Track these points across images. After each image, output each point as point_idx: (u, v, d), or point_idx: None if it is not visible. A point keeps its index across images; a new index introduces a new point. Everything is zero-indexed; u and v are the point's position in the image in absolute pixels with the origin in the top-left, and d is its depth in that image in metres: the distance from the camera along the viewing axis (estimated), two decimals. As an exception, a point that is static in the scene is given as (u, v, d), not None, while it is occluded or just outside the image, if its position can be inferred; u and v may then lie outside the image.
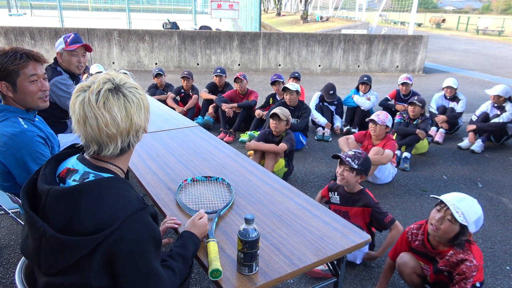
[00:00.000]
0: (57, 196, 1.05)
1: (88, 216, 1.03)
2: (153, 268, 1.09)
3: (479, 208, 1.95)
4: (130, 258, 1.04)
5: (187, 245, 1.41)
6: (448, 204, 1.91)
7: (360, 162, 2.51)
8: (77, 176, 1.12)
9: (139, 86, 1.20)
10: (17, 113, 1.86)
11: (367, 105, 5.28)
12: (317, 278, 2.44)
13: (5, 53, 1.79)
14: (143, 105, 1.18)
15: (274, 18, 27.60)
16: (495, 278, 2.57)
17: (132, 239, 1.05)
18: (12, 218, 2.22)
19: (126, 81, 1.16)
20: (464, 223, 1.87)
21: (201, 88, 5.80)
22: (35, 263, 1.09)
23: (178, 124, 3.12)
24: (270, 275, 1.39)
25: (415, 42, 10.16)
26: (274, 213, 1.79)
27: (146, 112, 1.20)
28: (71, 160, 1.20)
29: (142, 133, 1.22)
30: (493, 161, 4.61)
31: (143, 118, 1.18)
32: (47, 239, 1.02)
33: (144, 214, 1.10)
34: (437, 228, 1.96)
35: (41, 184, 1.10)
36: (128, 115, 1.12)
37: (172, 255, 1.34)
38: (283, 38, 9.92)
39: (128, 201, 1.08)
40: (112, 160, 1.17)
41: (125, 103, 1.12)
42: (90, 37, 9.29)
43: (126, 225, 1.04)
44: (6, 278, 2.36)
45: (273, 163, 3.60)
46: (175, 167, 2.26)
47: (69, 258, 1.02)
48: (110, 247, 1.02)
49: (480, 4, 58.13)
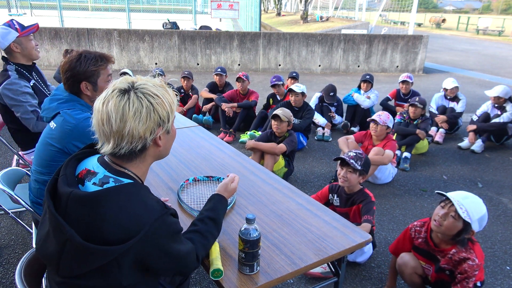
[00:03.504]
0: (79, 201, 1.05)
1: (113, 225, 1.04)
2: (181, 251, 1.18)
3: (483, 207, 1.95)
4: (161, 257, 1.11)
5: (217, 208, 1.49)
6: (453, 200, 1.92)
7: (362, 162, 2.52)
8: (97, 179, 1.12)
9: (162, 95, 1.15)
10: (85, 107, 1.97)
11: (366, 104, 5.28)
12: (317, 278, 2.44)
13: (85, 56, 1.91)
14: (148, 114, 1.11)
15: (274, 18, 27.61)
16: (495, 278, 2.57)
17: (159, 242, 1.10)
18: (12, 218, 2.22)
19: (144, 86, 1.13)
20: (468, 220, 1.88)
21: (201, 88, 5.80)
22: (53, 265, 1.09)
23: (178, 124, 3.11)
24: (271, 274, 1.39)
25: (415, 42, 10.17)
26: (275, 213, 1.79)
27: (152, 123, 1.12)
28: (91, 161, 1.20)
29: (145, 144, 1.15)
30: (493, 161, 4.62)
31: (143, 127, 1.11)
32: (74, 245, 1.02)
33: (167, 217, 1.13)
34: (440, 224, 1.97)
35: (62, 186, 1.10)
36: (123, 118, 1.09)
37: (203, 219, 1.42)
38: (283, 38, 9.92)
39: (151, 207, 1.10)
40: (127, 165, 1.17)
41: (124, 105, 1.09)
42: (90, 37, 9.29)
43: (152, 231, 1.07)
44: (6, 278, 2.36)
45: (272, 162, 3.60)
46: (176, 167, 2.26)
47: (91, 264, 1.03)
48: (139, 253, 1.06)
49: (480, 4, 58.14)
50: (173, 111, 1.20)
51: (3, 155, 4.16)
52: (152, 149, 1.20)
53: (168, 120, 1.18)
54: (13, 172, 2.26)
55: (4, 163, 3.98)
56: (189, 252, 1.23)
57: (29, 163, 2.99)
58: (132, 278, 1.09)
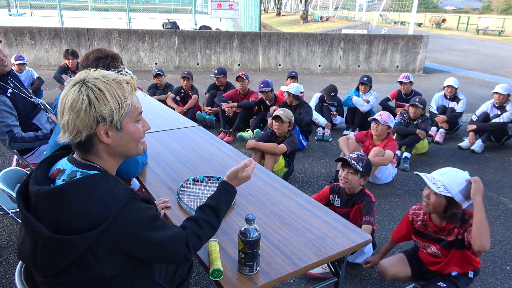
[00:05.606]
0: (46, 196, 1.06)
1: (80, 215, 1.04)
2: (160, 238, 1.15)
3: (462, 179, 1.96)
4: (137, 243, 1.10)
5: (220, 197, 1.42)
6: (424, 178, 1.97)
7: (364, 164, 2.51)
8: (65, 175, 1.13)
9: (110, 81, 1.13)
10: None
11: (365, 108, 5.26)
12: (317, 278, 2.44)
13: None
14: (84, 108, 1.08)
15: (274, 18, 27.61)
16: (495, 278, 2.57)
17: (130, 229, 1.08)
18: (12, 218, 2.22)
19: (93, 80, 1.11)
20: (447, 194, 1.91)
21: (201, 88, 5.80)
22: (32, 265, 1.09)
23: (178, 124, 3.11)
24: (271, 275, 1.39)
25: (415, 42, 10.17)
26: (275, 213, 1.79)
27: (88, 117, 1.09)
28: (62, 161, 1.21)
29: (103, 128, 1.12)
30: (493, 161, 4.61)
31: (78, 120, 1.09)
32: (44, 240, 1.03)
33: (135, 203, 1.11)
34: (428, 204, 2.01)
35: (32, 186, 1.10)
36: (64, 110, 1.11)
37: (203, 207, 1.38)
38: (283, 38, 9.92)
39: (117, 195, 1.09)
40: (96, 160, 1.17)
41: (66, 96, 1.11)
42: (90, 37, 9.29)
43: (120, 218, 1.06)
44: (6, 278, 2.36)
45: (273, 162, 3.60)
46: (176, 167, 2.26)
47: (66, 258, 1.03)
48: (111, 241, 1.06)
49: (480, 4, 58.14)
50: (123, 108, 1.13)
51: (3, 155, 4.16)
52: (100, 145, 1.15)
53: (112, 116, 1.12)
54: (13, 172, 2.27)
55: (4, 163, 3.98)
56: (171, 239, 1.17)
57: (29, 163, 2.99)
58: (115, 269, 1.09)
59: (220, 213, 1.38)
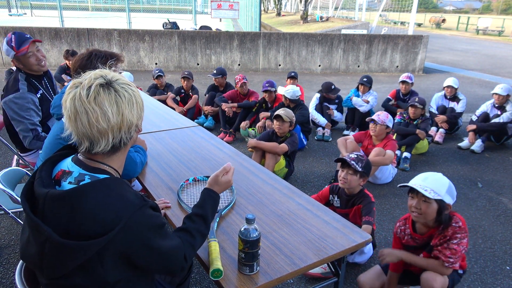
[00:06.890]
0: (55, 200, 1.04)
1: (91, 220, 1.03)
2: (165, 247, 1.16)
3: (444, 179, 2.00)
4: (144, 249, 1.10)
5: (205, 204, 1.44)
6: (415, 187, 1.97)
7: (363, 165, 2.51)
8: (72, 178, 1.12)
9: (132, 83, 1.19)
10: None
11: (364, 108, 5.26)
12: (317, 278, 2.44)
13: (95, 54, 1.93)
14: (136, 101, 1.16)
15: (274, 18, 27.60)
16: (495, 278, 2.57)
17: (139, 236, 1.09)
18: (12, 218, 2.22)
19: (118, 78, 1.15)
20: (438, 197, 1.92)
21: (201, 88, 5.80)
22: (38, 267, 1.08)
23: (178, 124, 3.11)
24: (271, 274, 1.39)
25: (415, 42, 10.17)
26: (275, 213, 1.79)
27: (139, 109, 1.18)
28: (66, 162, 1.19)
29: (135, 131, 1.20)
30: (493, 161, 4.62)
31: (136, 114, 1.16)
32: (52, 244, 1.02)
33: (145, 210, 1.11)
34: (419, 213, 2.00)
35: (38, 188, 1.09)
36: (119, 110, 1.10)
37: (191, 216, 1.39)
38: (283, 38, 9.92)
39: (128, 200, 1.09)
40: (105, 160, 1.17)
41: (116, 97, 1.10)
42: (90, 37, 9.29)
43: (130, 224, 1.06)
44: (6, 278, 2.36)
45: (273, 162, 3.60)
46: (176, 167, 2.26)
47: (73, 262, 1.02)
48: (119, 247, 1.05)
49: (480, 4, 58.13)
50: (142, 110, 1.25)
51: (3, 155, 4.16)
52: (135, 136, 1.23)
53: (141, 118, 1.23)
54: (13, 172, 2.27)
55: (4, 163, 3.99)
56: (175, 250, 1.20)
57: (29, 163, 2.99)
58: (119, 275, 1.09)
59: (208, 221, 1.41)
